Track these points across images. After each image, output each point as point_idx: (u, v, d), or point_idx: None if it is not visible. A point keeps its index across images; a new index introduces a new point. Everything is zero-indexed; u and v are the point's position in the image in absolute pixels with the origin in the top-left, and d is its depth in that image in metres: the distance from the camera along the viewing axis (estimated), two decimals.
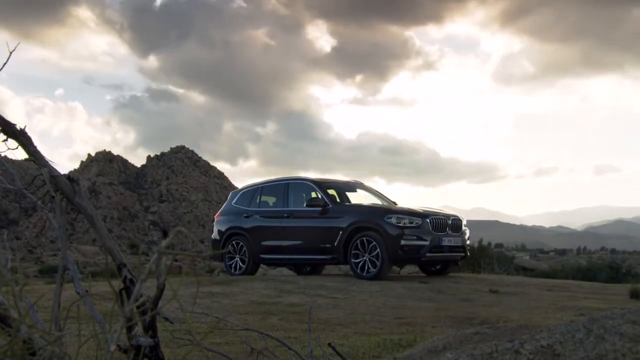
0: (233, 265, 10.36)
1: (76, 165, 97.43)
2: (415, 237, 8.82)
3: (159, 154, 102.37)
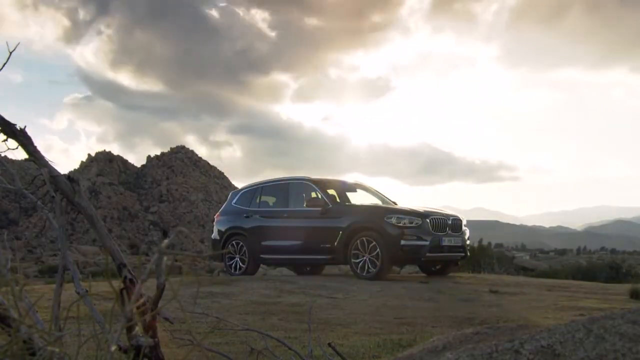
0: (233, 265, 10.37)
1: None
2: (415, 237, 8.82)
3: (155, 154, 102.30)
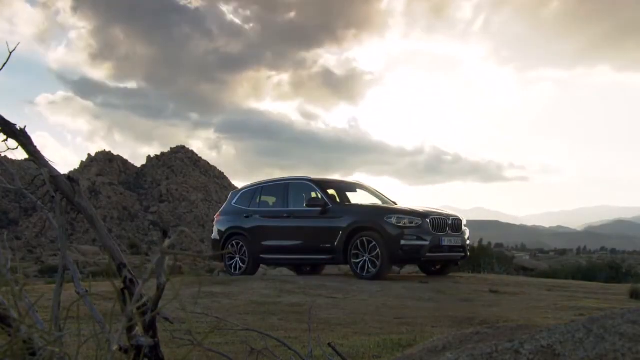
0: (233, 265, 10.37)
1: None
2: (415, 237, 8.82)
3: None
